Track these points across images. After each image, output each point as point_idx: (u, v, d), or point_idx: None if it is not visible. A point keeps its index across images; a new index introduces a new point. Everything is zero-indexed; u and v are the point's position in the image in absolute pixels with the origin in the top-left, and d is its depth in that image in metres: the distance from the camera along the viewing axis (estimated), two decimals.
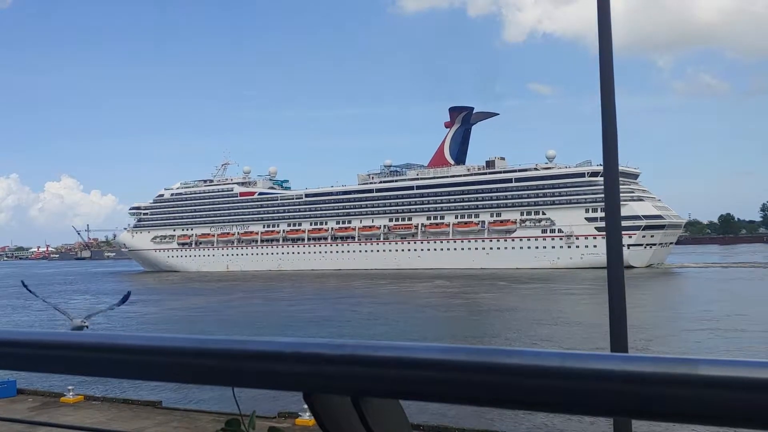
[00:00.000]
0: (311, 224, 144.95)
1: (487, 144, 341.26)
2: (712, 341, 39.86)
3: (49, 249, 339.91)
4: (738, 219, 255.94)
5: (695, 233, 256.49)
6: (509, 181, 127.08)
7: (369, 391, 1.07)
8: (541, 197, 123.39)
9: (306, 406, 1.14)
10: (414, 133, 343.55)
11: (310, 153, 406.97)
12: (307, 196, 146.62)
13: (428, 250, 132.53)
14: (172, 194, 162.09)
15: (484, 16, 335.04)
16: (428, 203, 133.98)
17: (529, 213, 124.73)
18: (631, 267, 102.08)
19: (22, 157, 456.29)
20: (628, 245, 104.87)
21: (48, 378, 29.52)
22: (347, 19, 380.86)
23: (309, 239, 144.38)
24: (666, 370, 0.83)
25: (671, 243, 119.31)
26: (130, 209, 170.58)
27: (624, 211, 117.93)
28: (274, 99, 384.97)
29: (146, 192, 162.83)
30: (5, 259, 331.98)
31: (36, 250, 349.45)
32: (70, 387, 27.29)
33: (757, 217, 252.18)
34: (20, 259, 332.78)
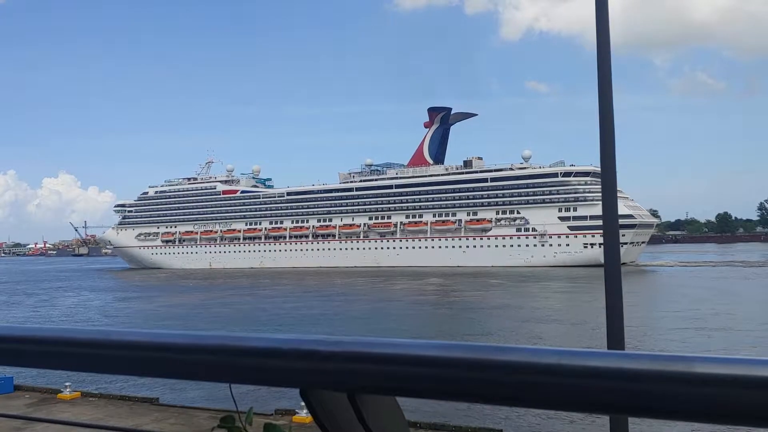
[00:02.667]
0: (293, 222, 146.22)
1: (471, 143, 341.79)
2: (686, 337, 39.45)
3: (47, 245, 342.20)
4: (735, 218, 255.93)
5: (693, 232, 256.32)
6: (485, 180, 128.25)
7: (365, 387, 1.07)
8: (516, 197, 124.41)
9: (303, 403, 1.14)
10: (398, 132, 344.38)
11: (293, 151, 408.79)
12: (288, 194, 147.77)
13: (407, 248, 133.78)
14: (156, 192, 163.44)
15: (481, 14, 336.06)
16: (407, 202, 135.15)
17: (504, 212, 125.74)
18: (602, 265, 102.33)
19: (19, 153, 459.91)
20: (600, 244, 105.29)
21: (45, 374, 29.74)
22: (340, 17, 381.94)
23: (290, 237, 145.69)
24: (662, 368, 0.83)
25: (643, 242, 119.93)
26: (115, 206, 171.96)
27: (595, 211, 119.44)
28: (262, 97, 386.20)
29: (143, 189, 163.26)
30: (2, 255, 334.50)
31: (33, 246, 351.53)
32: (67, 383, 27.20)
33: (754, 215, 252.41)
34: (18, 255, 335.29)
